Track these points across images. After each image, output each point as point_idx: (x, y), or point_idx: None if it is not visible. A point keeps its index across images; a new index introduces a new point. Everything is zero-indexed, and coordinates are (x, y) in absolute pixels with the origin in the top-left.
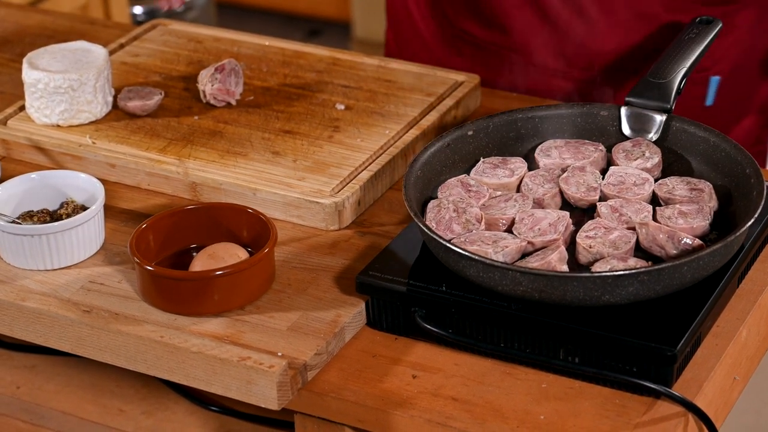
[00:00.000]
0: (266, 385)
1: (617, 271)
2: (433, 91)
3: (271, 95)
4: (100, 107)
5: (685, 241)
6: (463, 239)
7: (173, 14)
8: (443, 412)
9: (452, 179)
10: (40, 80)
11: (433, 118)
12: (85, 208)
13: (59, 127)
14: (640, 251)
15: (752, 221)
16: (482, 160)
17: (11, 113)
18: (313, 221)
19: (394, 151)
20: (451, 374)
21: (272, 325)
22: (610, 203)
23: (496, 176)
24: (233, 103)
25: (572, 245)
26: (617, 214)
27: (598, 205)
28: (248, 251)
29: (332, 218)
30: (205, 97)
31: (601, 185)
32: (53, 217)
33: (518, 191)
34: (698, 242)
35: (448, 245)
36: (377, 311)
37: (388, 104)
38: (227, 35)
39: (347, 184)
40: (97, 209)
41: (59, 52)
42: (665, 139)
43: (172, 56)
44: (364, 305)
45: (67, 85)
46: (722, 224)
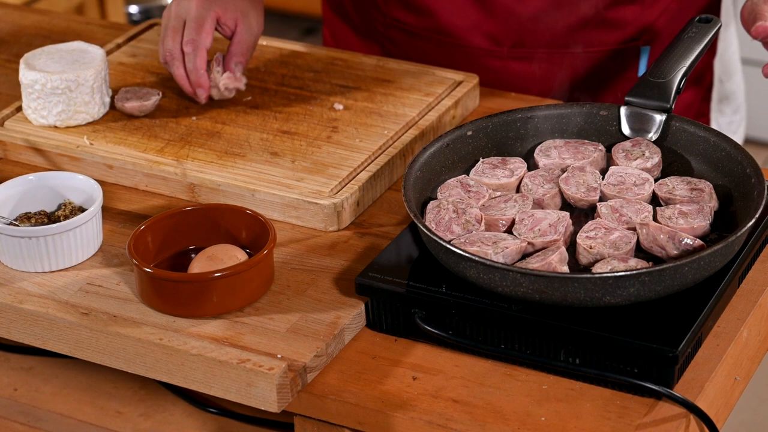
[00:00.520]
0: (266, 387)
1: (618, 271)
2: (431, 90)
3: (269, 95)
4: (97, 108)
5: (685, 241)
6: (463, 240)
7: None
8: (444, 413)
9: (452, 180)
10: (37, 81)
11: (431, 118)
12: (83, 209)
13: (56, 128)
14: (640, 252)
15: (753, 221)
16: (481, 160)
17: (8, 114)
18: (312, 222)
19: (392, 151)
20: (451, 376)
21: (271, 326)
22: (610, 203)
23: (495, 176)
24: (243, 88)
25: (572, 246)
26: (617, 214)
27: (598, 205)
28: (247, 253)
29: (331, 219)
30: (219, 92)
31: (601, 185)
32: (51, 218)
33: (518, 191)
34: (699, 242)
35: (448, 246)
36: (377, 313)
37: (386, 104)
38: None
39: (346, 184)
40: (95, 211)
41: (56, 52)
42: (665, 138)
43: None
44: (363, 306)
45: (64, 86)
46: (723, 224)
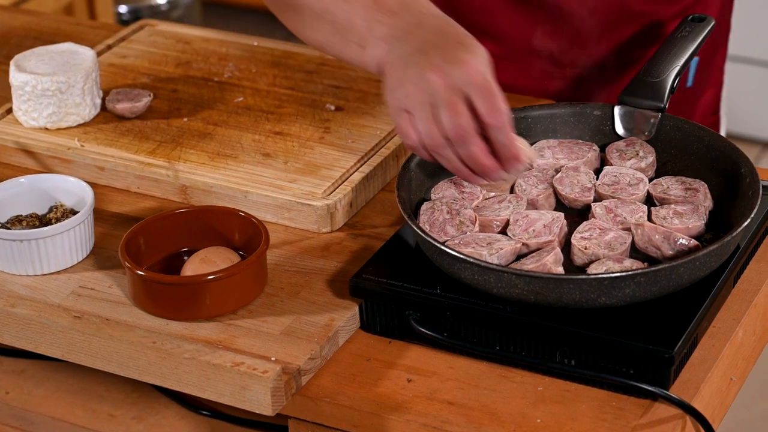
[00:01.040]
0: (260, 390)
1: (613, 272)
2: None
3: (260, 96)
4: (88, 110)
5: (681, 241)
6: (457, 241)
7: (158, 12)
8: (439, 416)
9: (445, 180)
10: (27, 83)
11: None
12: (74, 212)
13: (47, 130)
14: (635, 252)
15: (748, 221)
16: None
17: None
18: (304, 223)
19: (385, 152)
20: (446, 378)
21: (265, 329)
22: (604, 204)
23: None
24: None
25: (567, 246)
26: (612, 214)
27: (592, 205)
28: (240, 255)
29: (324, 220)
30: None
31: (595, 185)
32: (42, 221)
33: (512, 192)
34: (694, 243)
35: (442, 248)
36: (371, 314)
37: (378, 104)
38: (215, 36)
39: (339, 185)
40: (86, 213)
41: (46, 54)
42: (659, 138)
43: (160, 57)
44: (357, 308)
45: (54, 87)
46: (717, 224)
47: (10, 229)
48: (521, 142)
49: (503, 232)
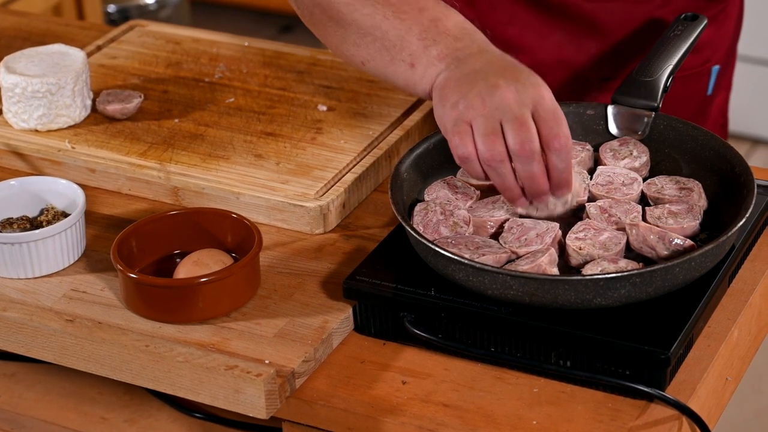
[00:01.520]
0: (254, 393)
1: (609, 273)
2: None
3: (251, 97)
4: (78, 111)
5: (676, 241)
6: (447, 242)
7: (147, 12)
8: (434, 418)
9: (438, 181)
10: (17, 84)
11: (416, 117)
12: (65, 214)
13: (37, 132)
14: (630, 252)
15: (743, 221)
16: None
17: None
18: (297, 225)
19: (378, 152)
20: (441, 380)
21: (259, 332)
22: (599, 204)
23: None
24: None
25: (561, 247)
26: (606, 214)
27: (587, 205)
28: (233, 257)
29: (317, 222)
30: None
31: (589, 185)
32: (33, 224)
33: None
34: (689, 243)
35: (437, 249)
36: (365, 316)
37: (370, 104)
38: (205, 36)
39: (332, 186)
40: (78, 215)
41: (36, 55)
42: (653, 137)
43: (150, 58)
44: (351, 310)
45: (45, 89)
46: (712, 223)
47: (1, 232)
48: (576, 174)
49: (498, 232)
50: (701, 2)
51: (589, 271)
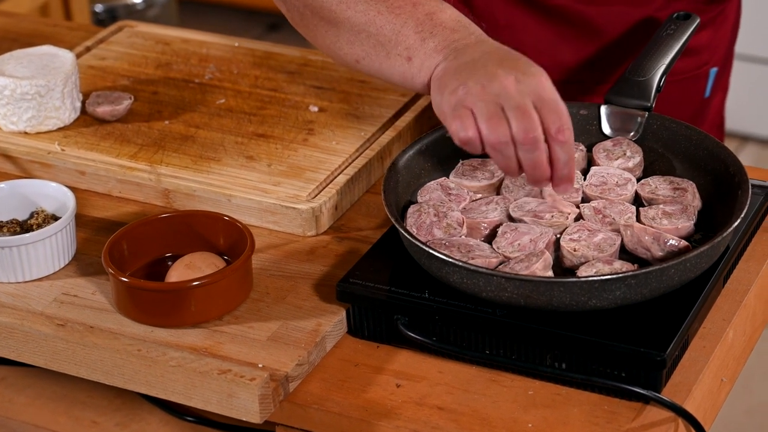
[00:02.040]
0: (248, 398)
1: (604, 275)
2: (407, 91)
3: (242, 98)
4: (68, 113)
5: (670, 242)
6: (441, 244)
7: (134, 11)
8: (429, 421)
9: (432, 182)
10: (6, 86)
11: (408, 118)
12: (55, 217)
13: (27, 134)
14: (624, 253)
15: (738, 221)
16: (461, 162)
17: None
18: (289, 227)
19: (370, 153)
20: (435, 382)
21: (252, 335)
22: (593, 204)
23: (476, 178)
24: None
25: (556, 249)
26: (600, 215)
27: (580, 206)
28: (225, 260)
29: (309, 224)
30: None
31: (583, 186)
32: (23, 227)
33: (498, 193)
34: (684, 243)
35: (431, 251)
36: (359, 319)
37: (362, 105)
38: (195, 36)
39: (324, 188)
40: (68, 219)
41: (25, 57)
42: (646, 137)
43: (140, 59)
44: (344, 313)
45: (34, 91)
46: (706, 224)
47: None
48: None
49: (492, 234)
50: (700, 5)
51: (583, 272)
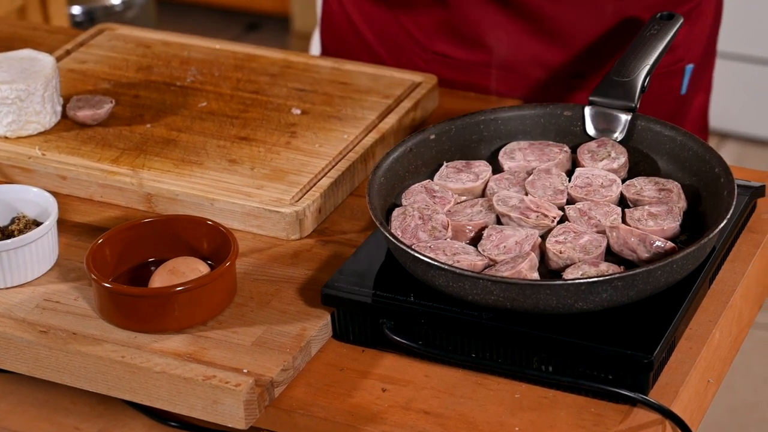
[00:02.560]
0: (233, 404)
1: (590, 277)
2: (390, 92)
3: (224, 101)
4: (49, 117)
5: (657, 244)
6: (426, 247)
7: (112, 13)
8: (415, 426)
9: (416, 185)
10: None
11: (391, 120)
12: (37, 223)
13: (7, 139)
14: (610, 255)
15: (724, 222)
16: (445, 164)
17: None
18: (273, 231)
19: (353, 156)
20: (421, 386)
21: (236, 340)
22: (578, 206)
23: (460, 181)
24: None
25: (542, 251)
26: (586, 217)
27: (566, 208)
28: (209, 264)
29: (293, 227)
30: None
31: (567, 188)
32: (5, 233)
33: (483, 196)
34: (670, 245)
35: (416, 255)
36: (344, 323)
37: (344, 107)
38: (176, 39)
39: (307, 191)
40: (50, 224)
41: (5, 61)
42: (631, 138)
43: (120, 62)
44: (329, 317)
45: (14, 95)
46: (692, 225)
47: None
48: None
49: (477, 237)
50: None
51: (570, 275)
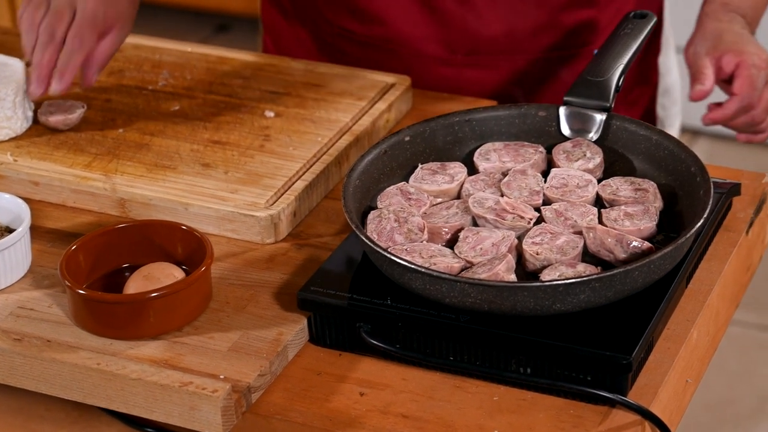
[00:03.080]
0: (210, 410)
1: (568, 278)
2: (363, 94)
3: (197, 104)
4: (20, 123)
5: (633, 244)
6: (402, 250)
7: None
8: (394, 430)
9: (391, 187)
10: None
11: (365, 123)
12: (10, 229)
13: None
14: (587, 255)
15: (701, 221)
16: (420, 166)
17: None
18: (248, 235)
19: (327, 158)
20: (399, 390)
21: (212, 346)
22: (554, 207)
23: (435, 182)
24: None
25: (518, 253)
26: (562, 218)
27: (542, 209)
28: (183, 269)
29: (268, 231)
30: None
31: (543, 188)
32: None
33: (459, 197)
34: (647, 245)
35: (392, 258)
36: (320, 327)
37: (318, 110)
38: (147, 42)
39: (282, 195)
40: (23, 231)
41: None
42: (606, 138)
43: None
44: (306, 321)
45: None
46: (669, 224)
47: None
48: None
49: (453, 239)
50: None
51: (547, 276)
